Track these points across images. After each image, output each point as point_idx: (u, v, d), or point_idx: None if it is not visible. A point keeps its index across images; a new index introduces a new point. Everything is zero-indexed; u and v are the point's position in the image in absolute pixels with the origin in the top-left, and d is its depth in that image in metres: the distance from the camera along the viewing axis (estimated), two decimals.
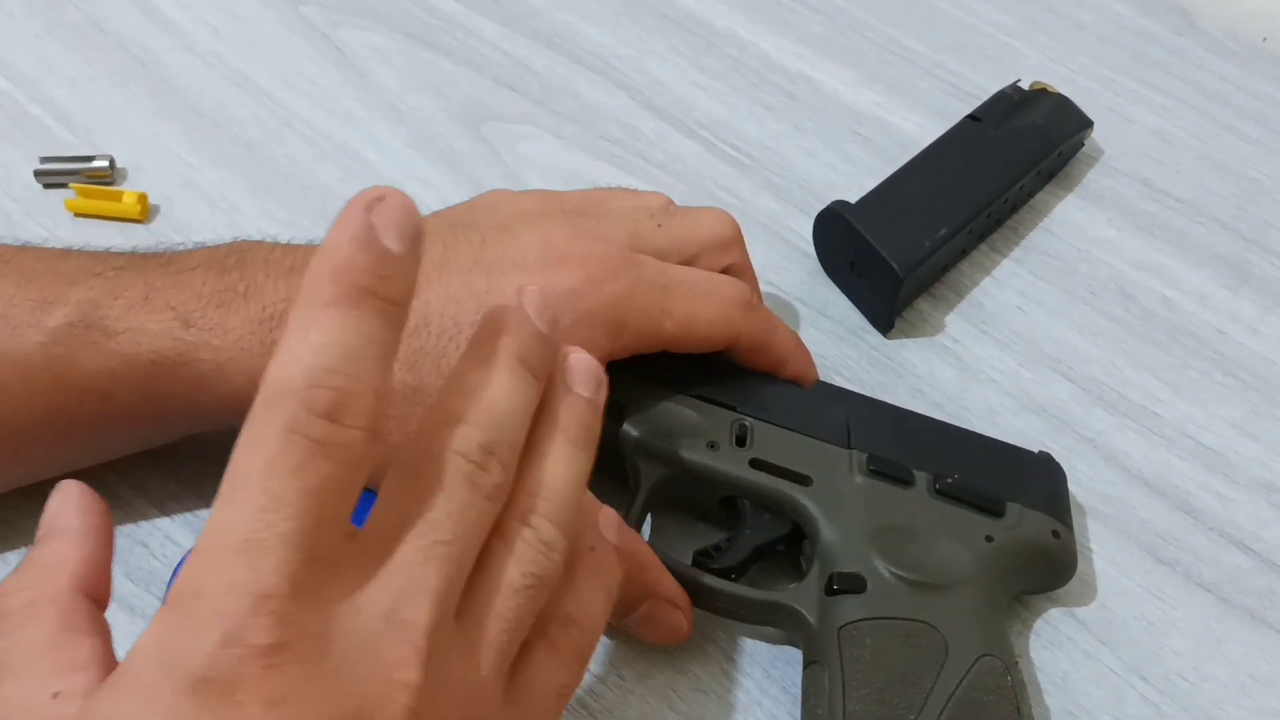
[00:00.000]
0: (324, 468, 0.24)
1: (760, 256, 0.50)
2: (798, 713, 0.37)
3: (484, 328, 0.30)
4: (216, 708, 0.22)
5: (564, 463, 0.30)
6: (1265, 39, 0.63)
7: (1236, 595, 0.41)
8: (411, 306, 0.27)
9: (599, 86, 0.57)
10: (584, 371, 0.31)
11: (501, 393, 0.28)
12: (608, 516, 0.33)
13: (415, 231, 0.26)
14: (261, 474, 0.24)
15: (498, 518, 0.28)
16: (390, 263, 0.26)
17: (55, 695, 0.24)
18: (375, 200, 0.26)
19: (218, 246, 0.38)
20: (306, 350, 0.25)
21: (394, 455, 0.28)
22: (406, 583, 0.25)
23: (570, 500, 0.30)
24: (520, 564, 0.28)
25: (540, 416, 0.30)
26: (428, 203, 0.51)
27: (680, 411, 0.40)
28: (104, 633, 0.26)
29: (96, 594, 0.27)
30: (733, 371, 0.41)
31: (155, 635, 0.23)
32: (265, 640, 0.23)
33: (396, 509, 0.27)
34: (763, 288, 0.49)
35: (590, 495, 0.32)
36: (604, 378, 0.32)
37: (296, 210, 0.50)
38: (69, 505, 0.28)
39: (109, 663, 0.25)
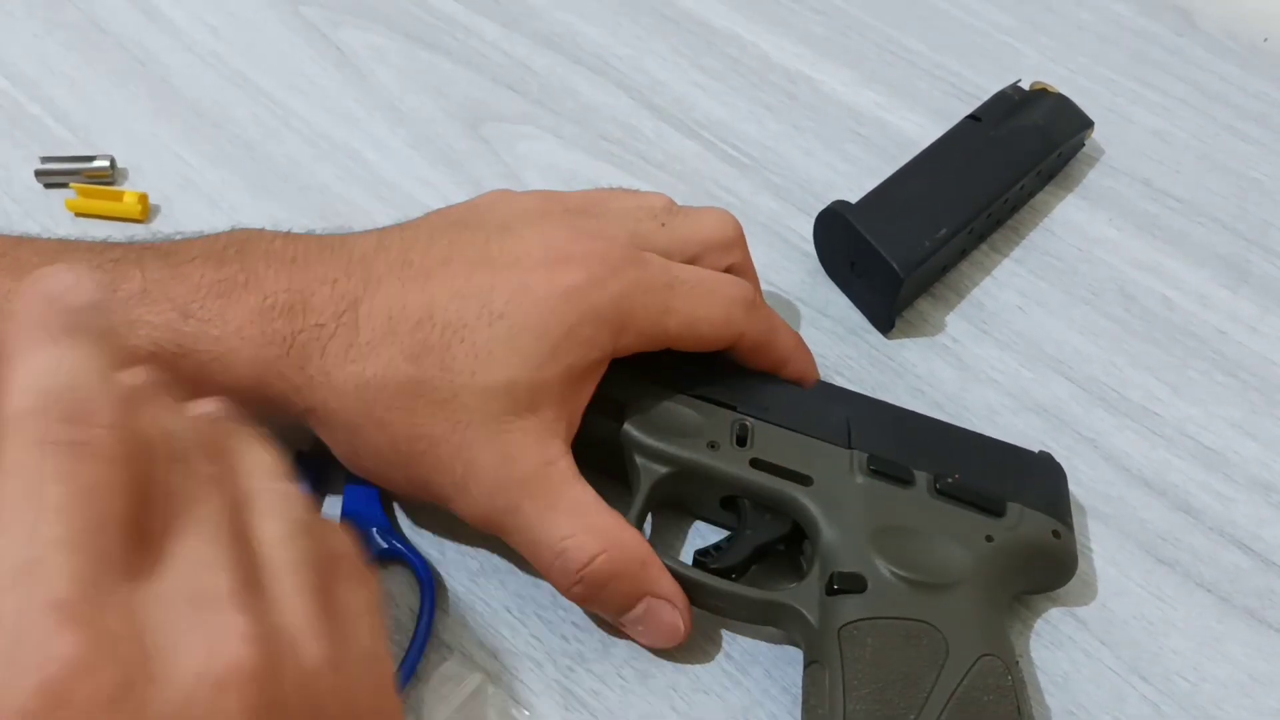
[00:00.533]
0: (86, 468, 0.23)
1: (760, 256, 0.50)
2: (798, 713, 0.37)
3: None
4: None
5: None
6: (1265, 39, 0.63)
7: (1236, 595, 0.41)
8: (417, 302, 0.26)
9: (599, 86, 0.57)
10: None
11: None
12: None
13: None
14: (24, 493, 0.22)
15: None
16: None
17: None
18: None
19: (217, 236, 0.38)
20: (31, 378, 0.24)
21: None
22: (195, 563, 0.24)
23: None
24: (266, 520, 0.27)
25: None
26: (428, 203, 0.51)
27: (680, 411, 0.40)
28: None
29: None
30: (733, 371, 0.41)
31: None
32: (71, 652, 0.21)
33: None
34: (763, 287, 0.49)
35: None
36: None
37: (296, 210, 0.50)
38: None
39: None
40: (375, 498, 0.40)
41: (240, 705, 0.22)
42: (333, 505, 0.41)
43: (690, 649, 0.38)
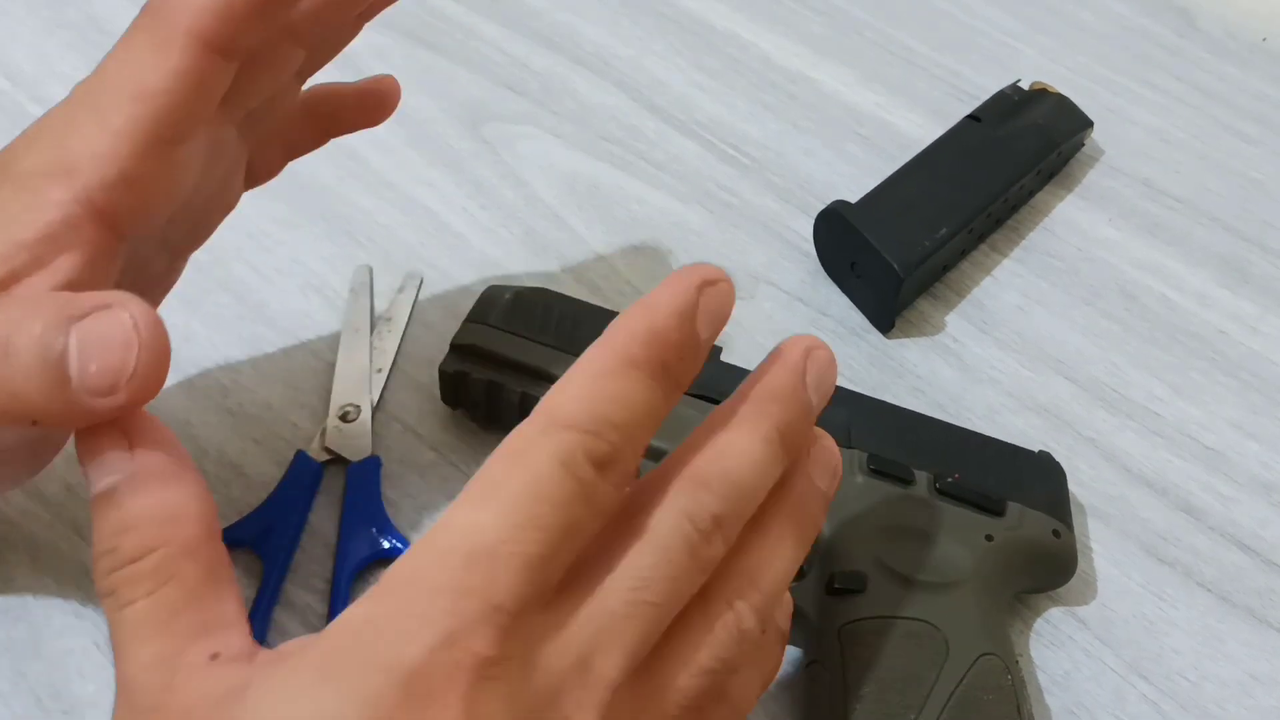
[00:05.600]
0: (581, 511, 0.24)
1: (760, 256, 0.50)
2: (798, 713, 0.37)
3: (761, 382, 0.28)
4: (420, 708, 0.21)
5: (786, 554, 0.28)
6: (1265, 39, 0.63)
7: (1237, 595, 0.41)
8: None
9: (599, 87, 0.57)
10: (829, 464, 0.30)
11: (751, 464, 0.27)
12: (787, 605, 0.31)
13: (722, 325, 0.27)
14: (525, 492, 0.23)
15: (705, 587, 0.27)
16: (694, 349, 0.26)
17: (213, 657, 0.23)
18: (707, 284, 0.26)
19: None
20: (600, 397, 0.25)
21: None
22: (605, 632, 0.24)
23: (778, 594, 0.28)
24: (715, 647, 0.27)
25: (774, 495, 0.28)
26: (428, 203, 0.51)
27: (680, 411, 0.39)
28: (233, 575, 0.25)
29: (218, 531, 0.26)
30: (733, 371, 0.41)
31: (367, 615, 0.23)
32: (487, 651, 0.22)
33: (610, 554, 0.25)
34: (763, 288, 0.49)
35: None
36: (840, 475, 0.31)
37: (296, 210, 0.50)
38: (142, 441, 0.25)
39: (245, 611, 0.25)
40: (376, 497, 0.40)
41: None
42: (333, 505, 0.41)
43: None
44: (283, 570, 0.38)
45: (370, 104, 0.40)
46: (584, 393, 0.25)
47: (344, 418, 0.42)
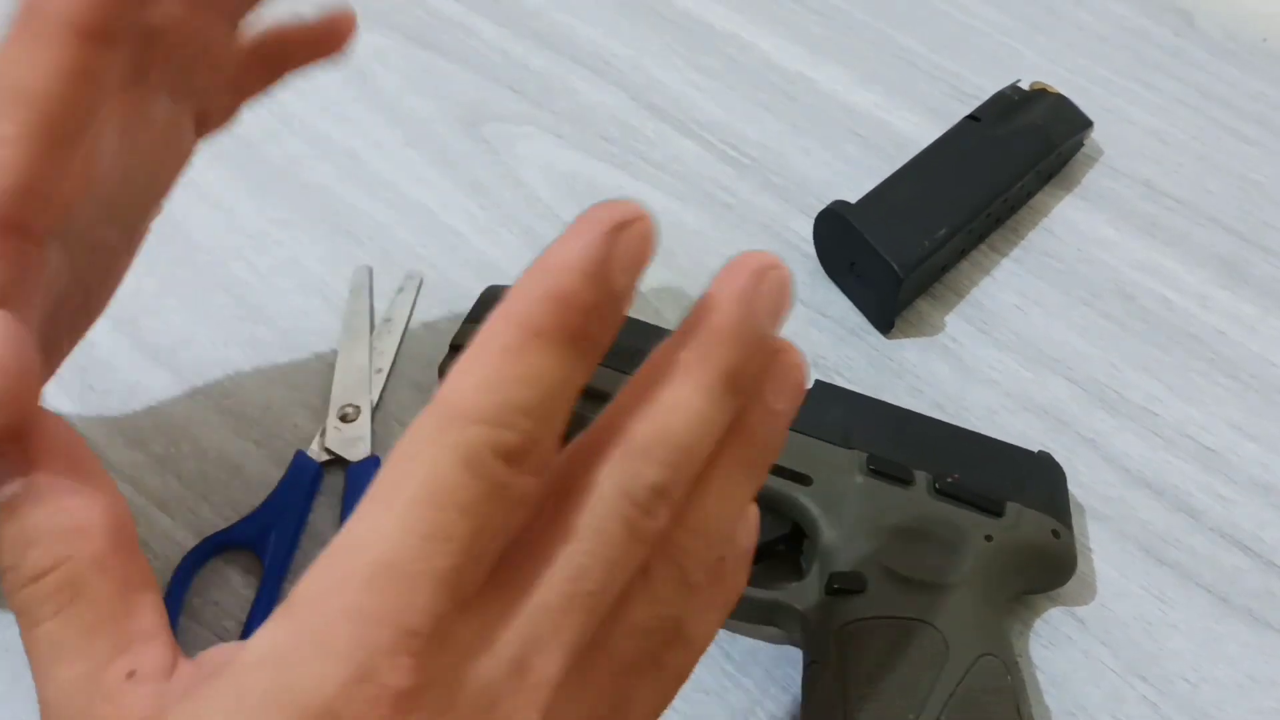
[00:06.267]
0: (493, 511, 0.22)
1: None
2: (798, 713, 0.37)
3: (698, 322, 0.24)
4: None
5: (736, 495, 0.26)
6: (1265, 39, 0.63)
7: (1236, 596, 0.41)
8: None
9: (598, 86, 0.57)
10: (789, 382, 0.26)
11: (693, 422, 0.24)
12: (748, 524, 0.29)
13: (643, 268, 0.23)
14: (428, 500, 0.21)
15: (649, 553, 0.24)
16: (612, 305, 0.23)
17: (130, 675, 0.22)
18: (621, 226, 0.22)
19: None
20: (504, 380, 0.22)
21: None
22: (541, 630, 0.22)
23: (728, 535, 0.26)
24: (657, 605, 0.24)
25: (724, 435, 0.25)
26: (427, 203, 0.51)
27: None
28: (154, 583, 0.24)
29: (134, 541, 0.24)
30: None
31: (273, 645, 0.21)
32: (403, 683, 0.20)
33: (540, 544, 0.23)
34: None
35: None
36: (804, 388, 0.26)
37: (296, 209, 0.50)
38: (45, 450, 0.24)
39: (166, 621, 0.23)
40: None
41: None
42: (333, 506, 0.41)
43: None
44: (282, 571, 0.38)
45: (321, 38, 0.37)
46: (485, 376, 0.22)
47: (344, 418, 0.42)
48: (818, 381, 0.42)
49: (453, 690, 0.21)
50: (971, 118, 0.52)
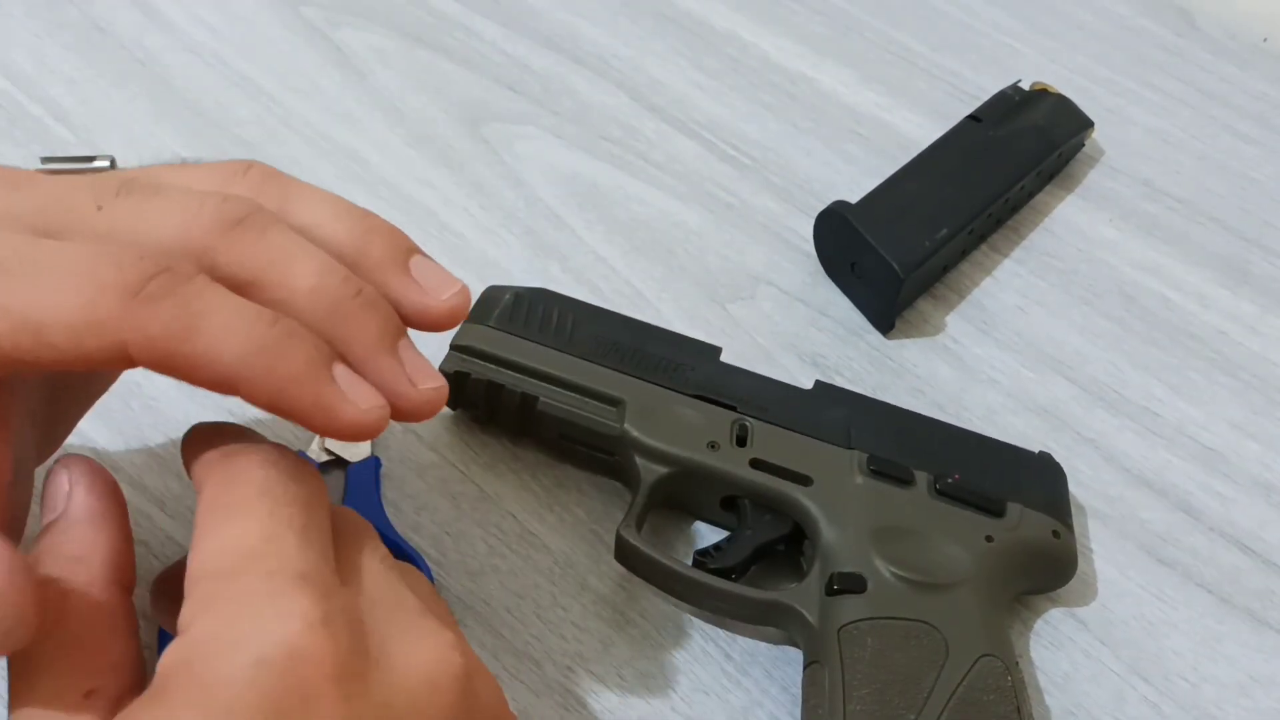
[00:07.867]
0: (311, 481, 0.27)
1: (760, 257, 0.50)
2: (798, 713, 0.37)
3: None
4: (284, 689, 0.22)
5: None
6: (1265, 39, 0.63)
7: (1236, 595, 0.41)
8: None
9: (599, 86, 0.57)
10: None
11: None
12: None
13: None
14: (256, 495, 0.25)
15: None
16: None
17: (87, 694, 0.24)
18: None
19: None
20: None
21: None
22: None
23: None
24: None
25: None
26: (427, 203, 0.51)
27: (680, 411, 0.40)
28: (135, 630, 0.26)
29: (126, 582, 0.26)
30: (733, 371, 0.41)
31: (194, 636, 0.23)
32: (317, 614, 0.23)
33: None
34: (763, 288, 0.49)
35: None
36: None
37: None
38: (81, 484, 0.27)
39: (139, 663, 0.25)
40: (376, 498, 0.40)
41: (448, 703, 0.25)
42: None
43: (690, 649, 0.38)
44: None
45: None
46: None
47: None
48: (818, 382, 0.42)
49: (361, 622, 0.25)
50: (972, 118, 0.52)
